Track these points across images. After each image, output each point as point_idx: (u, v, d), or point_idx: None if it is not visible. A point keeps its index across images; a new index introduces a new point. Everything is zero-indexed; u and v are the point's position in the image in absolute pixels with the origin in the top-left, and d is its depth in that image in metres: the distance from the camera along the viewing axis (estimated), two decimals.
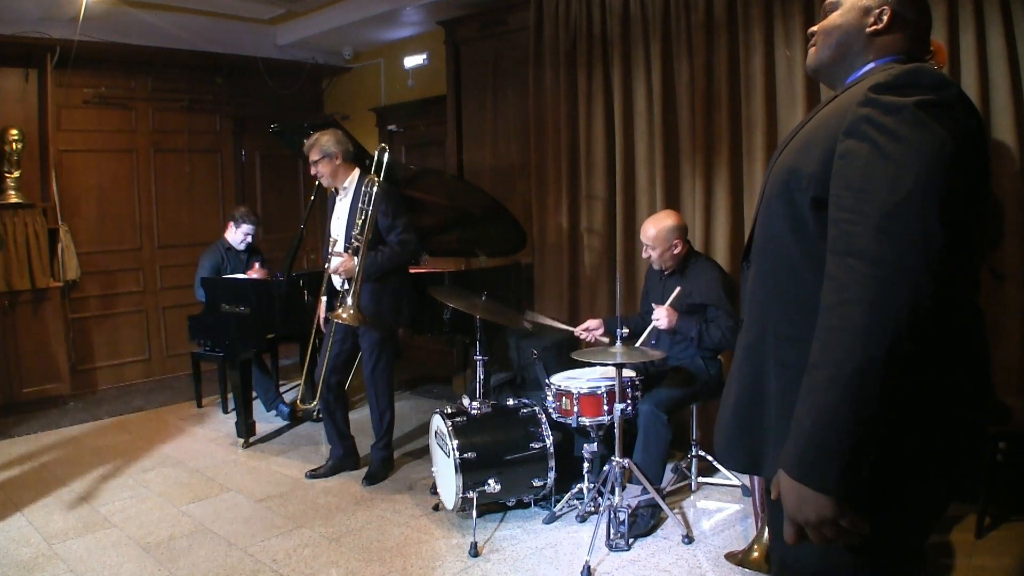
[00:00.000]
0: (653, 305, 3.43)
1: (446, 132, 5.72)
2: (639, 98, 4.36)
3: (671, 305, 3.36)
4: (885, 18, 1.29)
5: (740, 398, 1.35)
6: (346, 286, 3.58)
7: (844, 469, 1.06)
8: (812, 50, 1.40)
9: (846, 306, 1.08)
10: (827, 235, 1.16)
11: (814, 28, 1.40)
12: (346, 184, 3.74)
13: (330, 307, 3.81)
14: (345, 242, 3.65)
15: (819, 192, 1.19)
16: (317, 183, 3.95)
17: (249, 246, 5.00)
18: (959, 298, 1.14)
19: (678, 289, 3.36)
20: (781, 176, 1.29)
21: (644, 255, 3.54)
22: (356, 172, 3.75)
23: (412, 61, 6.21)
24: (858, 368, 1.05)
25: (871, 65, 1.30)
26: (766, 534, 2.74)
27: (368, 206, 3.52)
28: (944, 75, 1.17)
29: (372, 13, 5.57)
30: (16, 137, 5.16)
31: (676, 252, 3.46)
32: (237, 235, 4.93)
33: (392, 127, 6.57)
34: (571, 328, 3.69)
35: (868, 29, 1.30)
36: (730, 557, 2.89)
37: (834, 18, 1.35)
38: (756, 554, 2.77)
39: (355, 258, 3.52)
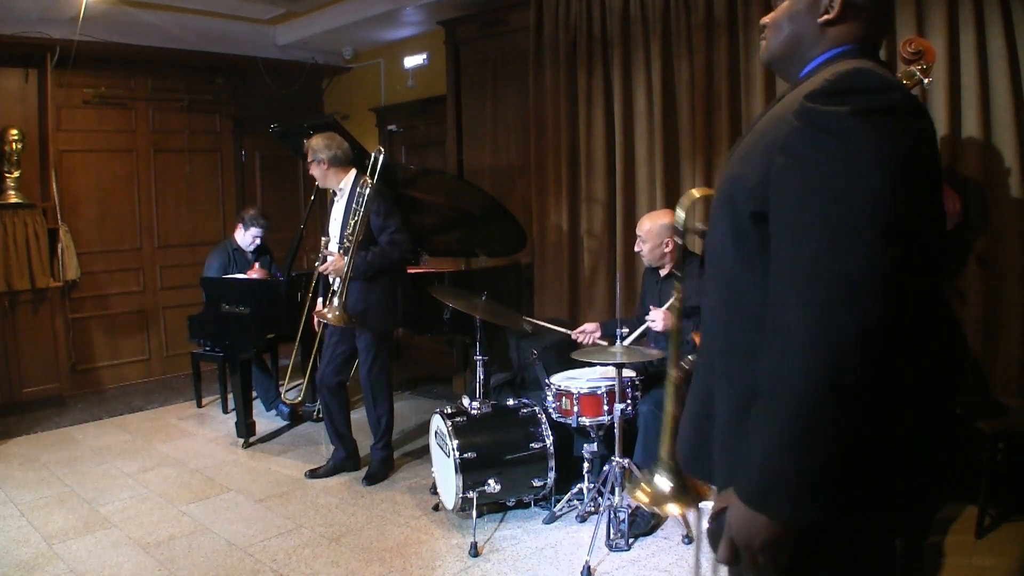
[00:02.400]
0: (651, 307, 3.43)
1: (446, 132, 5.72)
2: (639, 98, 4.36)
3: (668, 309, 3.35)
4: (836, 7, 1.20)
5: (695, 409, 1.31)
6: (336, 285, 3.60)
7: (797, 498, 1.02)
8: (763, 44, 1.33)
9: (791, 332, 1.03)
10: (769, 250, 1.11)
11: (765, 20, 1.32)
12: (341, 185, 3.76)
13: (325, 305, 3.82)
14: (338, 242, 3.66)
15: (759, 206, 1.13)
16: (316, 183, 3.96)
17: (258, 248, 5.00)
18: (917, 317, 1.06)
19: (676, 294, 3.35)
20: (725, 185, 1.23)
21: (636, 248, 3.56)
22: (352, 173, 3.76)
23: (412, 61, 6.22)
24: (805, 397, 1.01)
25: (826, 56, 1.22)
26: None
27: (360, 207, 3.54)
28: (887, 77, 1.09)
29: (372, 13, 5.57)
30: (16, 137, 5.16)
31: (667, 251, 3.46)
32: (246, 237, 4.93)
33: (392, 127, 6.57)
34: (568, 331, 3.69)
35: (820, 19, 1.22)
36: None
37: (783, 9, 1.27)
38: None
39: (345, 258, 3.54)
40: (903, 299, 1.01)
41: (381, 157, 3.63)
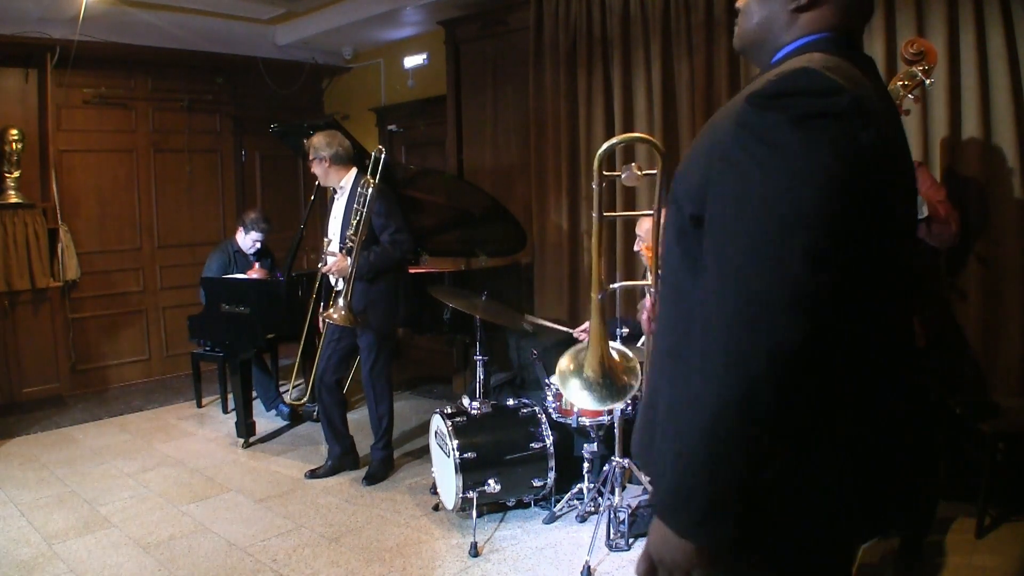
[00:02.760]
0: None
1: (446, 132, 5.72)
2: (639, 98, 4.36)
3: None
4: None
5: (644, 404, 1.29)
6: (340, 286, 3.59)
7: (702, 519, 0.98)
8: (736, 30, 1.25)
9: (705, 351, 0.98)
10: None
11: (739, 4, 1.24)
12: (342, 184, 3.77)
13: (328, 306, 3.82)
14: (340, 242, 3.67)
15: (698, 209, 1.07)
16: (317, 183, 3.97)
17: (259, 251, 5.00)
18: (852, 342, 1.00)
19: None
20: (674, 183, 1.18)
21: (635, 248, 3.55)
22: (352, 172, 3.77)
23: (412, 61, 6.22)
24: (712, 418, 0.96)
25: (797, 44, 1.14)
26: None
27: (362, 207, 3.54)
28: (833, 79, 0.99)
29: (372, 13, 5.56)
30: (16, 137, 5.16)
31: None
32: (246, 241, 4.93)
33: (392, 127, 6.57)
34: (569, 330, 3.69)
35: (790, 6, 1.14)
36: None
37: None
38: None
39: (348, 258, 3.54)
40: (828, 324, 0.94)
41: (383, 157, 3.63)
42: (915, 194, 1.20)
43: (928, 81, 2.44)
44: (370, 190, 3.54)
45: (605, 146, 1.61)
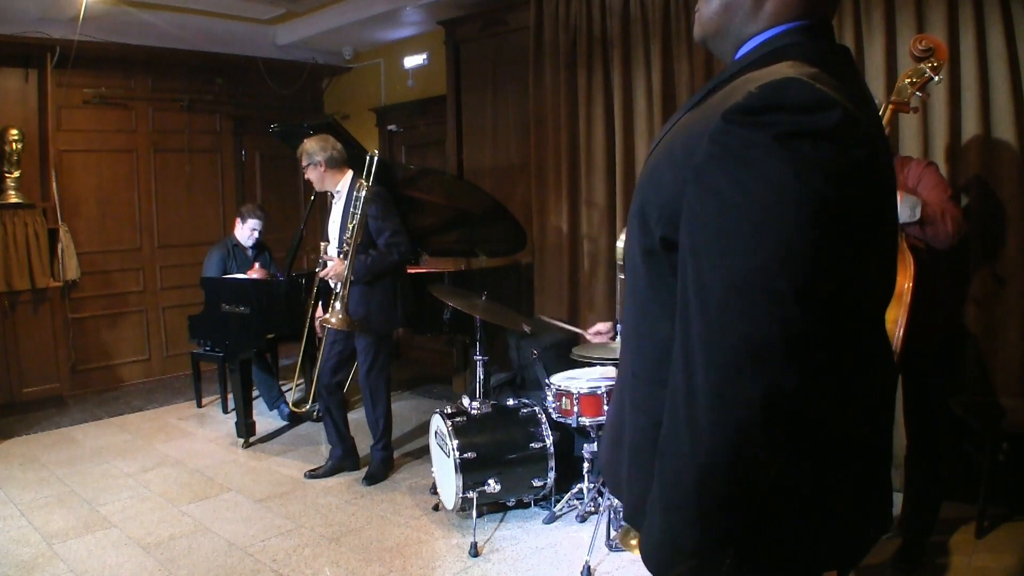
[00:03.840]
0: None
1: (446, 132, 5.72)
2: (639, 98, 4.36)
3: None
4: None
5: (611, 426, 1.21)
6: (338, 289, 3.59)
7: (698, 571, 0.93)
8: (696, 16, 1.12)
9: (690, 397, 0.89)
10: (678, 277, 0.95)
11: None
12: (339, 188, 3.76)
13: (326, 309, 3.83)
14: (338, 246, 3.66)
15: (667, 231, 0.97)
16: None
17: (257, 243, 5.00)
18: (842, 380, 0.93)
19: None
20: (639, 196, 1.05)
21: None
22: (349, 175, 3.76)
23: (412, 61, 6.22)
24: (702, 471, 0.88)
25: (766, 36, 1.03)
26: None
27: (357, 210, 3.54)
28: (822, 92, 0.87)
29: (372, 13, 5.57)
30: (16, 137, 5.16)
31: None
32: (244, 231, 4.93)
33: (392, 127, 6.58)
34: (580, 331, 3.68)
35: None
36: None
37: None
38: None
39: (345, 262, 3.53)
40: (820, 364, 0.86)
41: (376, 159, 3.62)
42: (895, 191, 1.13)
43: (936, 78, 2.42)
44: (363, 193, 3.54)
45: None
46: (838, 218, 0.86)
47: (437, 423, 3.41)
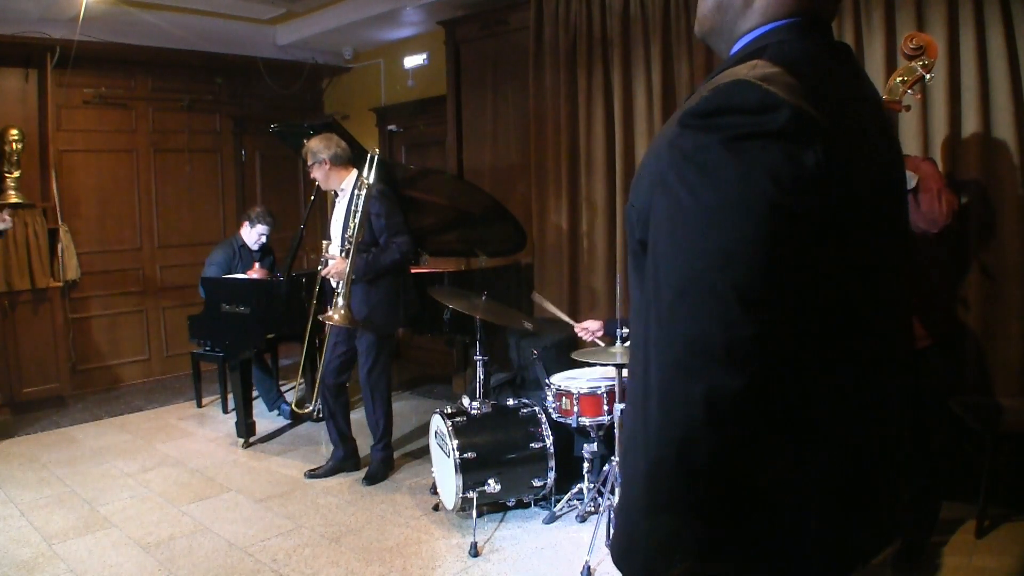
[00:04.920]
0: None
1: (446, 132, 5.72)
2: (639, 98, 4.36)
3: None
4: None
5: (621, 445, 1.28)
6: (340, 288, 3.59)
7: (646, 566, 0.94)
8: (697, 14, 1.14)
9: (644, 396, 0.92)
10: None
11: None
12: (343, 186, 3.76)
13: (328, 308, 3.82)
14: (340, 245, 3.66)
15: (644, 234, 0.97)
16: (316, 184, 3.96)
17: (263, 246, 5.01)
18: (801, 382, 0.92)
19: None
20: (629, 200, 1.06)
21: None
22: (352, 174, 3.76)
23: (412, 61, 6.22)
24: (650, 467, 0.90)
25: (757, 33, 1.03)
26: None
27: (358, 209, 3.54)
28: (770, 92, 0.87)
29: (372, 13, 5.57)
30: (16, 137, 5.16)
31: None
32: (252, 235, 4.94)
33: (392, 127, 6.58)
34: (572, 321, 3.68)
35: None
36: None
37: None
38: None
39: (347, 261, 3.53)
40: (771, 364, 0.86)
41: (376, 158, 3.62)
42: (903, 198, 1.12)
43: (928, 76, 2.42)
44: (364, 191, 3.54)
45: None
46: (787, 220, 0.85)
47: (437, 423, 3.41)
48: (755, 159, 0.85)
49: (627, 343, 3.16)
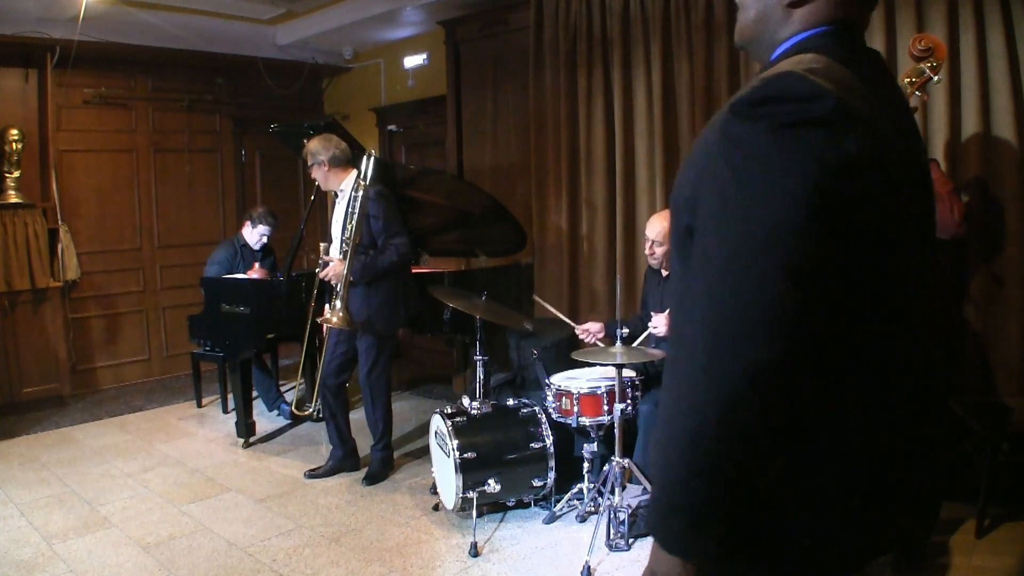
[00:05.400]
0: (652, 314, 3.43)
1: (446, 132, 5.72)
2: (639, 98, 4.36)
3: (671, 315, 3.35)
4: None
5: (659, 415, 1.30)
6: (339, 289, 3.59)
7: (684, 535, 0.98)
8: (736, 24, 1.21)
9: (684, 365, 0.98)
10: None
11: None
12: (342, 187, 3.76)
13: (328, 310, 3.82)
14: (339, 246, 3.66)
15: (690, 219, 1.05)
16: (317, 184, 3.96)
17: (264, 246, 5.01)
18: (838, 358, 0.98)
19: None
20: (673, 188, 1.16)
21: (647, 251, 3.52)
22: (352, 175, 3.76)
23: (412, 61, 6.22)
24: (691, 436, 0.94)
25: (795, 40, 1.10)
26: None
27: (356, 210, 3.54)
28: (815, 83, 0.95)
29: (372, 13, 5.57)
30: (16, 137, 5.16)
31: None
32: (253, 235, 4.95)
33: (392, 127, 6.57)
34: (573, 323, 3.68)
35: (785, 1, 1.10)
36: None
37: None
38: None
39: (345, 262, 3.53)
40: (810, 340, 0.92)
41: (372, 159, 3.62)
42: (930, 196, 1.16)
43: (936, 78, 2.43)
44: (362, 193, 3.53)
45: None
46: (830, 203, 0.91)
47: (437, 423, 3.41)
48: (801, 144, 0.92)
49: (627, 343, 3.17)
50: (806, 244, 0.91)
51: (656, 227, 3.45)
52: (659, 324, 3.33)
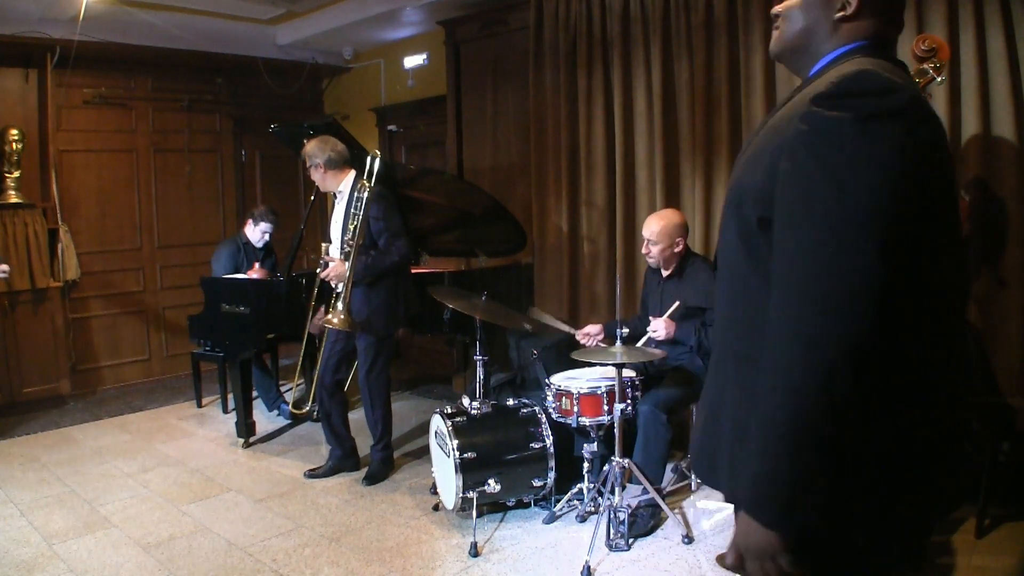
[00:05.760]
0: (651, 318, 3.43)
1: (446, 132, 5.72)
2: (639, 98, 4.36)
3: (670, 317, 3.35)
4: (853, 4, 1.18)
5: (707, 413, 1.32)
6: (339, 290, 3.59)
7: (787, 509, 1.03)
8: (776, 34, 1.29)
9: (784, 342, 1.04)
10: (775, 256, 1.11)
11: (778, 9, 1.28)
12: (341, 188, 3.76)
13: (328, 311, 3.82)
14: (339, 246, 3.66)
15: (764, 210, 1.13)
16: (316, 184, 3.97)
17: (266, 245, 5.02)
18: (918, 331, 1.06)
19: (677, 303, 3.35)
20: (735, 188, 1.23)
21: (644, 251, 3.53)
22: (351, 175, 3.76)
23: (412, 61, 6.22)
24: (794, 410, 1.01)
25: (838, 52, 1.20)
26: None
27: (358, 211, 3.54)
28: (892, 79, 1.06)
29: (372, 13, 5.57)
30: (16, 137, 5.16)
31: (677, 251, 3.46)
32: (255, 233, 4.95)
33: (392, 127, 6.57)
34: (572, 330, 3.69)
35: (836, 15, 1.19)
36: (720, 559, 2.89)
37: (797, 1, 1.24)
38: None
39: (346, 263, 3.53)
40: (900, 313, 1.00)
41: (377, 160, 3.62)
42: (958, 193, 1.24)
43: (939, 79, 2.42)
44: (365, 194, 3.54)
45: None
46: (911, 187, 1.01)
47: (437, 423, 3.41)
48: (883, 133, 1.02)
49: (628, 343, 3.17)
50: (894, 222, 0.99)
51: (653, 226, 3.46)
52: (658, 328, 3.33)
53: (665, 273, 3.54)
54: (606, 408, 3.19)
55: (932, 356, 1.10)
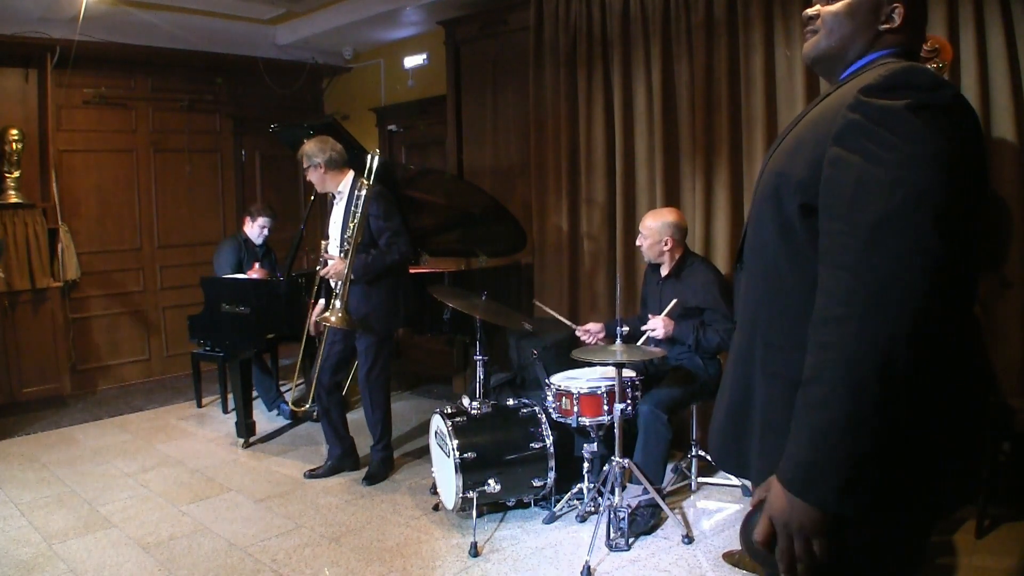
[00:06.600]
0: (649, 316, 3.43)
1: (446, 132, 5.72)
2: (639, 98, 4.36)
3: (668, 315, 3.36)
4: (899, 18, 1.23)
5: (731, 403, 1.33)
6: (338, 288, 3.59)
7: (842, 487, 1.03)
8: (812, 38, 1.32)
9: (839, 322, 1.05)
10: (816, 244, 1.13)
11: (813, 11, 1.31)
12: (340, 188, 3.76)
13: (327, 309, 3.82)
14: (338, 246, 3.66)
15: (807, 198, 1.16)
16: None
17: (265, 243, 5.01)
18: (960, 309, 1.09)
19: (675, 301, 3.36)
20: (771, 179, 1.25)
21: (637, 243, 3.59)
22: (350, 176, 3.76)
23: (412, 61, 6.22)
24: (852, 388, 1.02)
25: (869, 58, 1.25)
26: None
27: (358, 210, 3.54)
28: (938, 75, 1.12)
29: (372, 13, 5.57)
30: (16, 137, 5.16)
31: (665, 249, 3.48)
32: (255, 229, 4.95)
33: (392, 127, 6.57)
34: (573, 325, 3.69)
35: (881, 27, 1.24)
36: (727, 557, 2.89)
37: (842, 8, 1.27)
38: None
39: (346, 261, 3.53)
40: (951, 293, 1.03)
41: (376, 159, 3.62)
42: (987, 181, 1.28)
43: None
44: (364, 192, 3.54)
45: None
46: (957, 174, 1.05)
47: (437, 423, 3.41)
48: (932, 124, 1.06)
49: (627, 342, 3.17)
50: (949, 203, 1.03)
51: (646, 221, 3.55)
52: (656, 326, 3.33)
53: (664, 273, 3.55)
54: (606, 408, 3.19)
55: (971, 343, 1.13)
